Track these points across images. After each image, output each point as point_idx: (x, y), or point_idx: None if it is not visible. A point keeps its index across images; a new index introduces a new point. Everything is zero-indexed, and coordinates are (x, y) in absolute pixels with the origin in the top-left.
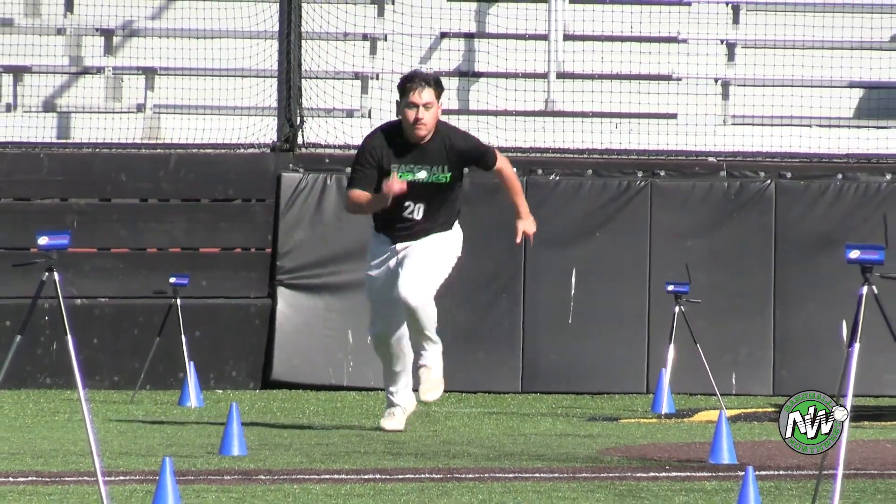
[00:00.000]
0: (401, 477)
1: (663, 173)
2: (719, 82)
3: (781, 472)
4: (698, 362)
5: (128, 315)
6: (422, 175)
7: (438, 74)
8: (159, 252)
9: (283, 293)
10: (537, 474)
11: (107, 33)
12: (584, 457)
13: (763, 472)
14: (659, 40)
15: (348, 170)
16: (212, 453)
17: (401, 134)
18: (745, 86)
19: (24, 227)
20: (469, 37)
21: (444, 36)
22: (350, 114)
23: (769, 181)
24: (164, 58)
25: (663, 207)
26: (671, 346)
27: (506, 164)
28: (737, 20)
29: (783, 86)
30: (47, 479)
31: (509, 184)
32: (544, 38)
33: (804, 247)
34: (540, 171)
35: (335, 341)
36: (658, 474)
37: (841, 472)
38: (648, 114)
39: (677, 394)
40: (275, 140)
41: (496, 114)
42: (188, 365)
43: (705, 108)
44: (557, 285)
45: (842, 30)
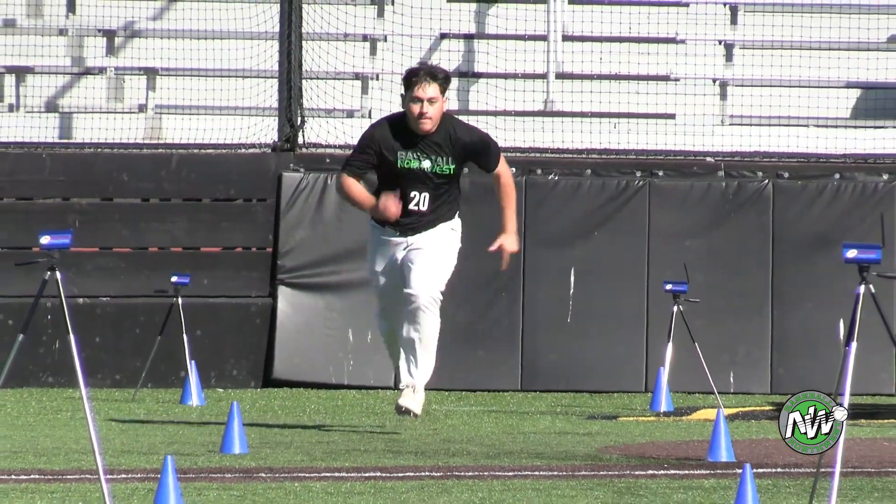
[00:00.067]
0: (401, 475)
1: (661, 173)
2: (717, 83)
3: (779, 469)
4: (696, 361)
5: (129, 314)
6: (426, 165)
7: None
8: (161, 251)
9: (283, 292)
10: (536, 472)
11: (108, 34)
12: (583, 455)
13: (761, 470)
14: (657, 41)
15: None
16: (213, 451)
17: (405, 125)
18: (742, 86)
19: (26, 226)
20: (469, 37)
21: (443, 36)
22: (350, 114)
23: (767, 181)
24: (165, 58)
25: (661, 207)
26: (669, 345)
27: (506, 172)
28: (735, 21)
29: (781, 86)
30: (50, 478)
31: (504, 192)
32: (543, 38)
33: (802, 246)
34: (539, 171)
35: (336, 340)
36: (656, 472)
37: (838, 469)
38: (647, 114)
39: (676, 392)
40: (275, 140)
41: (496, 114)
42: (189, 364)
43: (703, 109)
44: (556, 285)
45: (839, 30)
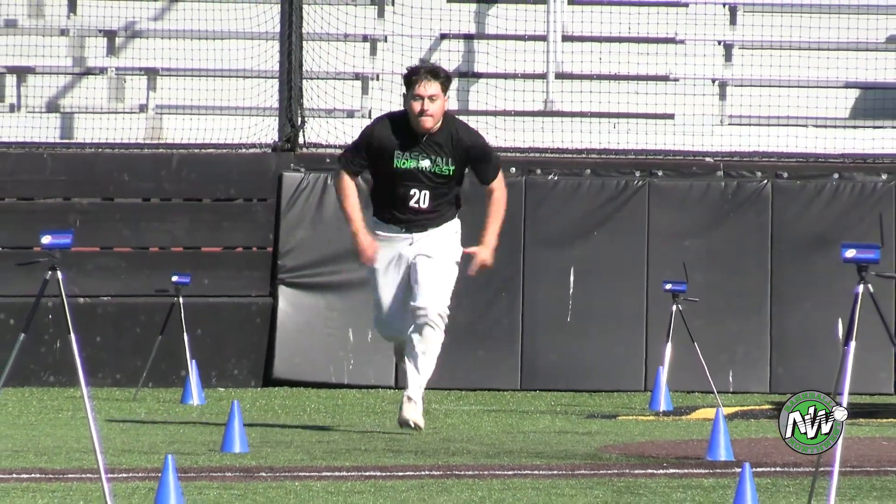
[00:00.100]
0: (401, 474)
1: (661, 173)
2: (716, 83)
3: (778, 468)
4: (696, 360)
5: (130, 313)
6: (426, 164)
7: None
8: (161, 251)
9: (284, 292)
10: (536, 471)
11: (109, 34)
12: (583, 454)
13: (760, 469)
14: (656, 41)
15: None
16: (213, 451)
17: (407, 123)
18: (741, 86)
19: (27, 226)
20: (468, 38)
21: (443, 37)
22: (350, 114)
23: (766, 181)
24: (166, 58)
25: (661, 207)
26: (669, 345)
27: (501, 188)
28: (734, 21)
29: (780, 86)
30: (51, 477)
31: (495, 207)
32: (543, 38)
33: (800, 246)
34: (539, 171)
35: (336, 340)
36: (656, 471)
37: (837, 468)
38: (646, 114)
39: (675, 391)
40: (276, 140)
41: (495, 114)
42: (190, 363)
43: (702, 109)
44: (556, 284)
45: (838, 30)
